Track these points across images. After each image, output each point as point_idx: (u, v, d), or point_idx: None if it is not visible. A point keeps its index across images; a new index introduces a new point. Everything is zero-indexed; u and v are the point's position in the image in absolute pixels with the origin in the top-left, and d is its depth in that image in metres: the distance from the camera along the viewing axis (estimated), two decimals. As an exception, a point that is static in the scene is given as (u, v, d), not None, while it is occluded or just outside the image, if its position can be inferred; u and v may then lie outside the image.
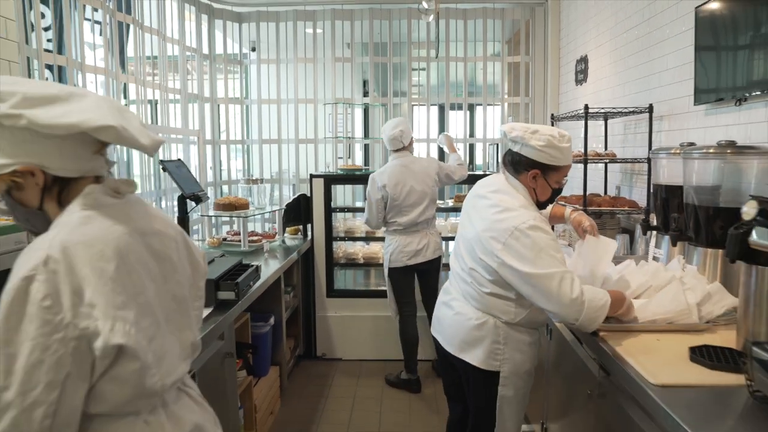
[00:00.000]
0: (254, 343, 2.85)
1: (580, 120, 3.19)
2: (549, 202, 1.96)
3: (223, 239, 3.80)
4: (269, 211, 4.19)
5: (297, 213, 4.11)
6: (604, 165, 3.57)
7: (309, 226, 4.16)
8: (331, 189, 4.13)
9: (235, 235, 3.81)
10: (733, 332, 1.70)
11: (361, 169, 4.37)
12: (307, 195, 4.15)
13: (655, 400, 1.38)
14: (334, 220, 4.22)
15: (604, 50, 3.77)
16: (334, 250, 4.18)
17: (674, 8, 2.77)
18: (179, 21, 4.27)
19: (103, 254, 0.95)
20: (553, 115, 3.91)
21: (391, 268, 3.51)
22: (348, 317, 4.13)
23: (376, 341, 4.10)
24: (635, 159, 3.06)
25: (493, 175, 2.05)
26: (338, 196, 4.88)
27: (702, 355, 1.58)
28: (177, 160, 2.73)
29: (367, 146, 5.82)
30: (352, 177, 4.38)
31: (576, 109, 3.26)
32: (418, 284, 3.61)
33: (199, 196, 2.50)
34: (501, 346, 1.91)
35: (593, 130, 3.84)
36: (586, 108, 3.03)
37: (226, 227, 4.91)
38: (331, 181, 4.13)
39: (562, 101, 4.69)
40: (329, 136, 4.89)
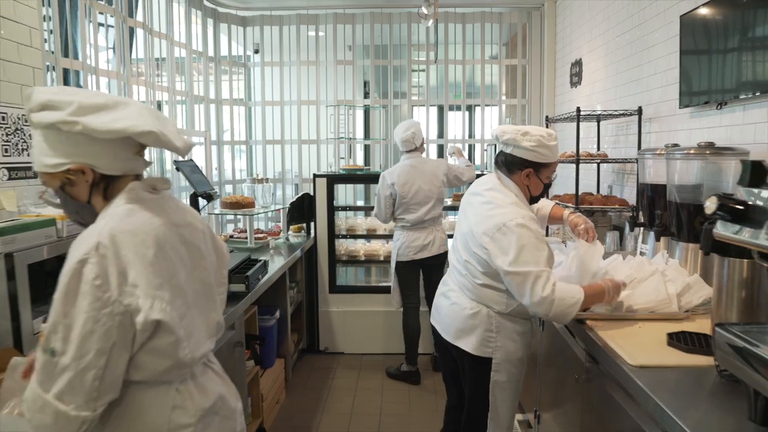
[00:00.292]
0: (261, 335, 2.98)
1: (574, 122, 3.33)
2: (541, 195, 2.11)
3: (230, 236, 3.93)
4: (273, 210, 4.32)
5: (300, 211, 4.24)
6: (596, 165, 3.70)
7: (312, 224, 4.29)
8: (334, 188, 4.26)
9: (241, 233, 3.94)
10: (710, 320, 1.83)
11: (363, 169, 4.50)
12: (311, 194, 4.28)
13: (633, 379, 1.51)
14: (336, 219, 4.35)
15: (597, 54, 3.90)
16: (336, 247, 4.32)
17: (662, 15, 2.91)
18: (186, 25, 4.41)
19: (144, 242, 1.09)
20: (547, 116, 4.04)
21: (399, 262, 3.66)
22: (350, 312, 4.26)
23: (377, 336, 4.24)
24: (625, 159, 3.20)
25: (489, 174, 2.19)
26: (340, 195, 5.01)
27: (678, 340, 1.71)
28: (189, 160, 2.87)
29: (367, 147, 5.95)
30: (354, 176, 4.52)
31: (569, 112, 3.39)
32: (423, 279, 3.75)
33: (211, 194, 2.63)
34: (493, 335, 2.04)
35: (587, 132, 3.98)
36: (578, 111, 3.16)
37: (231, 225, 5.06)
38: (333, 180, 4.26)
39: (558, 103, 4.82)
40: (331, 137, 5.02)
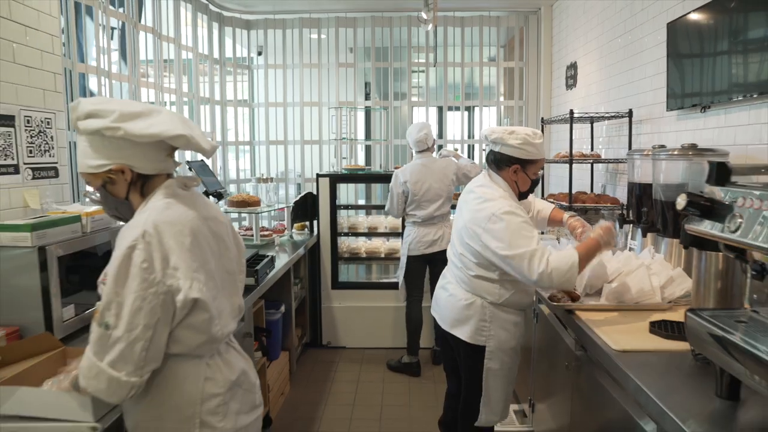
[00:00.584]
0: (268, 327, 3.12)
1: (568, 123, 3.46)
2: (530, 191, 2.24)
3: (236, 234, 4.06)
4: (277, 209, 4.45)
5: (304, 210, 4.37)
6: (590, 165, 3.83)
7: (315, 222, 4.42)
8: (336, 187, 4.39)
9: (247, 230, 4.08)
10: (690, 310, 1.97)
11: (364, 169, 4.64)
12: (314, 193, 4.41)
13: (616, 363, 1.65)
14: (339, 217, 4.48)
15: (591, 57, 4.03)
16: (338, 244, 4.45)
17: (651, 22, 3.04)
18: (192, 28, 4.53)
19: (182, 231, 1.23)
20: (543, 118, 4.18)
21: (410, 257, 3.82)
22: (352, 308, 4.39)
23: (379, 331, 4.37)
24: (617, 159, 3.33)
25: (482, 173, 2.32)
26: (342, 194, 5.14)
27: (660, 327, 1.85)
28: (200, 160, 3.00)
29: (368, 147, 6.08)
30: (356, 176, 4.65)
31: (564, 114, 3.53)
32: (429, 273, 3.89)
33: (221, 193, 2.77)
34: (487, 324, 2.17)
35: (581, 133, 4.11)
36: (571, 113, 3.30)
37: (236, 224, 5.19)
38: (336, 180, 4.39)
39: (554, 104, 4.96)
40: (333, 138, 5.16)
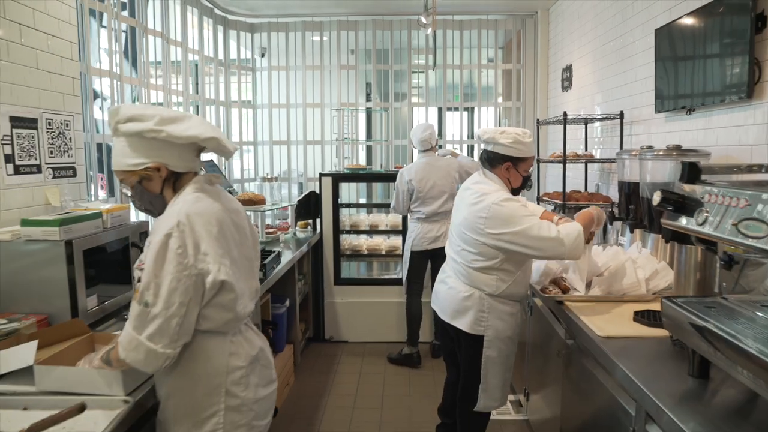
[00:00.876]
0: (274, 320, 3.25)
1: (562, 124, 3.59)
2: (521, 187, 2.38)
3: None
4: (278, 208, 4.58)
5: (307, 208, 4.51)
6: (584, 164, 3.96)
7: (318, 220, 4.55)
8: (339, 186, 4.52)
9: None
10: (672, 301, 2.10)
11: (365, 169, 4.77)
12: (317, 192, 4.54)
13: (601, 347, 1.78)
14: (341, 215, 4.61)
15: (586, 60, 4.16)
16: (340, 242, 4.58)
17: (641, 27, 3.17)
18: (198, 32, 4.67)
19: (210, 221, 1.38)
20: (538, 119, 4.31)
21: (413, 252, 3.96)
22: (353, 303, 4.53)
23: (379, 325, 4.50)
24: (609, 159, 3.46)
25: (477, 171, 2.46)
26: (343, 193, 5.27)
27: (643, 316, 1.98)
28: (209, 160, 3.13)
29: (369, 147, 6.21)
30: (358, 175, 4.79)
31: (559, 115, 3.66)
32: (431, 268, 4.03)
33: (230, 191, 2.90)
34: (485, 314, 2.31)
35: (577, 133, 4.24)
36: (565, 115, 3.43)
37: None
38: (338, 179, 4.52)
39: (550, 106, 5.09)
40: (335, 138, 5.29)
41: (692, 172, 1.44)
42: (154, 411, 1.53)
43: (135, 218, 2.52)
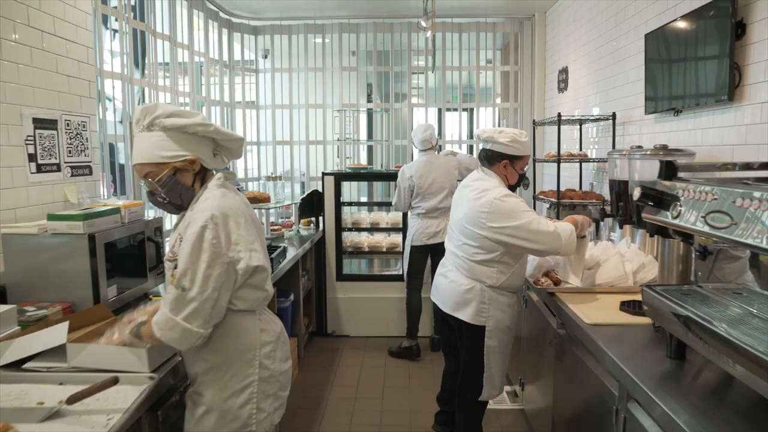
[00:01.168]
0: (279, 314, 3.37)
1: (557, 125, 3.72)
2: (518, 184, 2.51)
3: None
4: (285, 205, 4.71)
5: (310, 206, 4.63)
6: (579, 164, 4.09)
7: (321, 218, 4.68)
8: (341, 185, 4.65)
9: (257, 226, 4.33)
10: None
11: (366, 168, 4.90)
12: (319, 191, 4.67)
13: (587, 334, 1.91)
14: (343, 213, 4.74)
15: (581, 63, 4.29)
16: (342, 239, 4.70)
17: (633, 32, 3.30)
18: (204, 34, 4.79)
19: (238, 214, 1.53)
20: (534, 120, 4.44)
21: (413, 246, 4.10)
22: (355, 299, 4.65)
23: (380, 320, 4.63)
24: (602, 159, 3.59)
25: (475, 170, 2.58)
26: (345, 191, 5.39)
27: (629, 306, 2.11)
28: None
29: (370, 147, 6.34)
30: (359, 174, 4.91)
31: (553, 116, 3.78)
32: (431, 263, 4.16)
33: (240, 189, 3.02)
34: (486, 306, 2.43)
35: (573, 134, 4.37)
36: (559, 116, 3.56)
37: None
38: (340, 178, 4.64)
39: (547, 107, 5.21)
40: (337, 138, 5.41)
41: (669, 170, 1.57)
42: (172, 392, 1.66)
43: (148, 215, 2.64)
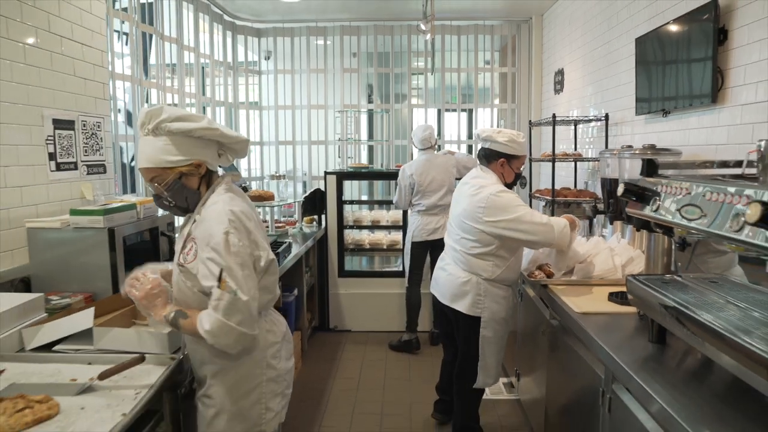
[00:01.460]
0: (284, 308, 3.50)
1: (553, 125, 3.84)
2: (514, 183, 2.64)
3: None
4: (289, 203, 4.83)
5: (313, 204, 4.76)
6: (574, 163, 4.21)
7: (323, 216, 4.80)
8: (342, 184, 4.77)
9: (262, 223, 4.46)
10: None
11: (367, 167, 5.02)
12: (322, 189, 4.79)
13: (577, 321, 2.03)
14: (344, 211, 4.86)
15: (576, 65, 4.41)
16: (344, 236, 4.83)
17: (624, 36, 3.42)
18: (210, 37, 4.92)
19: (249, 215, 1.57)
20: (530, 121, 4.56)
21: (413, 242, 4.23)
22: (356, 294, 4.78)
23: (381, 315, 4.75)
24: (595, 158, 3.71)
25: (474, 168, 2.71)
26: (346, 190, 5.51)
27: (617, 296, 2.23)
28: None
29: (371, 147, 6.46)
30: (360, 173, 5.03)
31: (548, 117, 3.91)
32: (430, 258, 4.28)
33: (246, 188, 3.15)
34: (482, 298, 2.56)
35: (568, 134, 4.49)
36: (554, 117, 3.69)
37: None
38: (342, 177, 4.77)
39: (544, 107, 5.34)
40: (338, 138, 5.53)
41: (650, 168, 1.69)
42: (186, 375, 1.77)
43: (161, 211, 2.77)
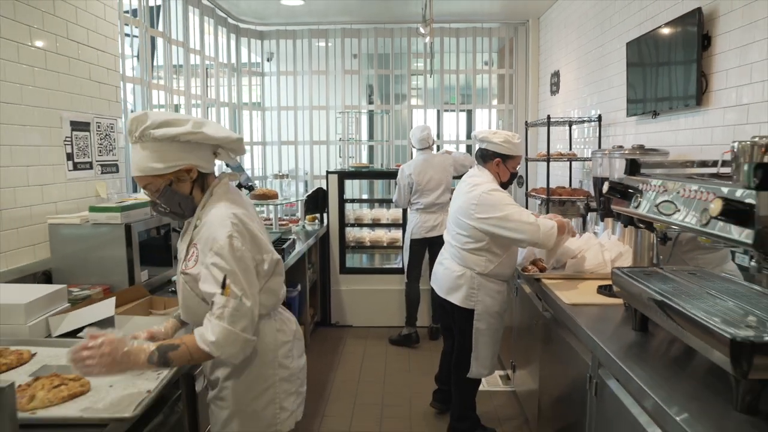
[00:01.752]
0: (287, 303, 3.62)
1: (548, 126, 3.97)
2: (510, 182, 2.77)
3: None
4: (292, 202, 4.96)
5: (315, 203, 4.88)
6: (568, 163, 4.34)
7: (325, 215, 4.93)
8: (344, 183, 4.89)
9: (266, 221, 4.59)
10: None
11: (368, 167, 5.14)
12: (324, 188, 4.92)
13: (566, 312, 2.15)
14: (346, 210, 4.98)
15: (571, 67, 4.53)
16: (345, 234, 4.95)
17: (616, 39, 3.55)
18: (214, 39, 5.04)
19: (251, 218, 1.54)
20: (526, 122, 4.69)
21: (412, 239, 4.36)
22: (357, 291, 4.90)
23: (381, 311, 4.88)
24: (587, 158, 3.83)
25: (473, 167, 2.84)
26: (347, 189, 5.63)
27: (605, 289, 2.35)
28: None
29: (371, 147, 6.59)
30: (361, 173, 5.16)
31: (543, 118, 4.04)
32: (428, 255, 4.40)
33: (252, 186, 3.27)
34: (475, 291, 2.69)
35: (562, 134, 4.62)
36: (548, 118, 3.81)
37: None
38: (344, 176, 4.89)
39: (540, 108, 5.46)
40: (339, 138, 5.66)
41: (633, 167, 1.82)
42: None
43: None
